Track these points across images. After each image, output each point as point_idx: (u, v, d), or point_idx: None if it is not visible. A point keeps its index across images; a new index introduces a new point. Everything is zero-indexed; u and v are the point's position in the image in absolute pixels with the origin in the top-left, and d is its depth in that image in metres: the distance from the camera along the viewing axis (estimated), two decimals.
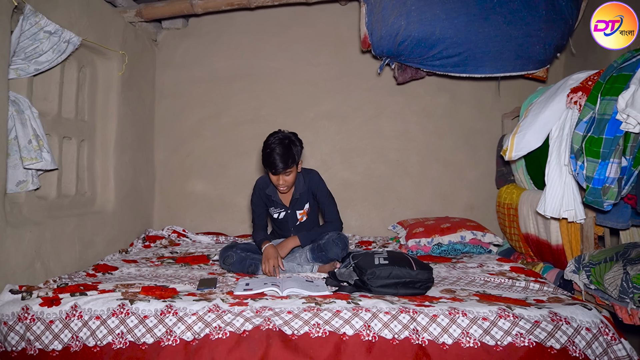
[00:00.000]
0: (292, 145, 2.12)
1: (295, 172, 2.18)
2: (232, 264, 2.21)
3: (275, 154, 2.07)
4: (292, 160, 2.09)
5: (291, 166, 2.10)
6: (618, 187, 1.73)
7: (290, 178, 2.16)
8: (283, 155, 2.07)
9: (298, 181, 2.31)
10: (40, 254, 2.21)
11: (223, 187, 3.63)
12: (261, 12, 3.54)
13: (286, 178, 2.15)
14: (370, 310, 1.53)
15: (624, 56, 1.80)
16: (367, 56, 3.41)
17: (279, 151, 2.07)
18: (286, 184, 2.17)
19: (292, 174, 2.16)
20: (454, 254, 2.68)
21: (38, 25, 2.09)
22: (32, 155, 2.09)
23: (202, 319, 1.52)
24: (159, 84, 3.64)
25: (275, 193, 2.33)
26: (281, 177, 2.14)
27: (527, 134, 2.15)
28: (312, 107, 3.56)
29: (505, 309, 1.51)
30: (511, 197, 2.74)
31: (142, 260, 2.53)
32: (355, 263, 1.89)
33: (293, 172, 2.16)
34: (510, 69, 2.71)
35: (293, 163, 2.11)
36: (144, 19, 3.17)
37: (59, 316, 1.56)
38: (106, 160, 2.94)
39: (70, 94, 2.64)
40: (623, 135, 1.70)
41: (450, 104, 3.49)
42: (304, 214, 2.38)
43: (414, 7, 2.49)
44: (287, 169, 2.10)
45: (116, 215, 2.97)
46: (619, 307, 1.67)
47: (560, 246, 2.22)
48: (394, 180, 3.52)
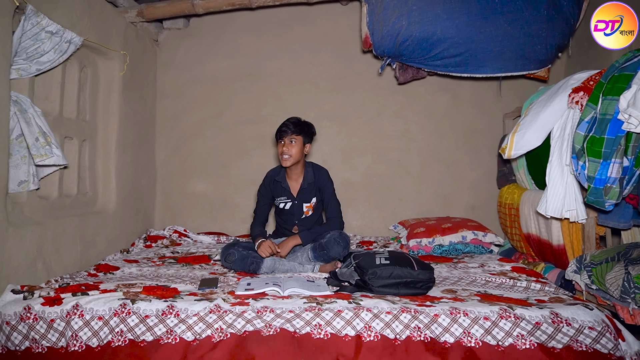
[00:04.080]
0: (305, 123, 2.34)
1: (300, 146, 2.30)
2: (233, 262, 2.21)
3: (288, 121, 2.31)
4: (299, 129, 2.28)
5: (297, 134, 2.28)
6: (620, 187, 1.73)
7: (294, 150, 2.28)
8: (294, 123, 2.30)
9: (307, 172, 2.41)
10: (42, 253, 2.21)
11: (224, 187, 3.63)
12: (262, 12, 3.55)
13: (290, 146, 2.28)
14: (371, 310, 1.53)
15: (625, 56, 1.80)
16: (368, 56, 3.41)
17: (292, 120, 2.31)
18: (289, 154, 2.28)
19: (296, 146, 2.29)
20: (455, 254, 2.68)
21: (40, 26, 2.10)
22: (41, 152, 2.09)
23: (203, 319, 1.52)
24: (160, 84, 3.65)
25: (284, 179, 2.41)
26: (286, 142, 2.28)
27: (527, 133, 2.15)
28: (313, 107, 3.56)
29: (507, 309, 1.51)
30: (512, 197, 2.74)
31: (143, 260, 2.54)
32: (356, 263, 1.89)
33: (298, 144, 2.29)
34: (511, 68, 2.70)
35: (300, 132, 2.28)
36: (145, 19, 3.17)
37: (61, 315, 1.56)
38: (107, 160, 2.94)
39: (72, 94, 2.65)
40: (625, 135, 1.70)
41: (451, 104, 3.48)
42: (310, 208, 2.42)
43: (415, 7, 2.49)
44: (293, 135, 2.27)
45: (117, 215, 2.97)
46: (620, 307, 1.67)
47: (562, 246, 2.21)
48: (395, 180, 3.52)
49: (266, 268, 2.21)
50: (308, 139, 2.33)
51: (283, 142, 2.29)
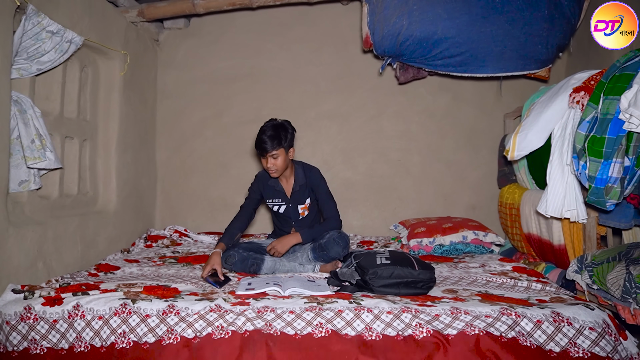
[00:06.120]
0: (282, 129, 2.19)
1: (284, 156, 2.21)
2: (234, 264, 2.21)
3: (264, 135, 2.16)
4: (277, 142, 2.15)
5: (277, 148, 2.16)
6: (621, 186, 1.72)
7: (278, 162, 2.20)
8: (270, 137, 2.15)
9: (297, 173, 2.36)
10: (43, 253, 2.21)
11: (225, 187, 3.63)
12: (263, 12, 3.54)
13: (274, 161, 2.19)
14: (372, 310, 1.53)
15: (626, 55, 1.80)
16: (369, 56, 3.41)
17: (268, 133, 2.16)
18: (275, 167, 2.21)
19: (280, 157, 2.20)
20: (456, 253, 2.68)
21: (40, 25, 2.09)
22: (35, 154, 2.09)
23: (204, 317, 1.52)
24: (160, 84, 3.65)
25: (277, 182, 2.37)
26: (269, 159, 2.19)
27: (529, 134, 2.14)
28: (313, 107, 3.56)
29: (508, 309, 1.50)
30: (513, 197, 2.74)
31: (144, 260, 2.54)
32: (357, 263, 1.89)
33: (281, 156, 2.20)
34: (512, 68, 2.70)
35: (279, 145, 2.16)
36: (146, 18, 3.17)
37: (62, 315, 1.56)
38: (108, 160, 2.94)
39: (73, 93, 2.65)
40: (626, 134, 1.70)
41: (452, 104, 3.48)
42: (305, 209, 2.42)
43: (416, 7, 2.49)
44: (274, 151, 2.16)
45: (118, 214, 2.97)
46: (621, 307, 1.66)
47: (563, 246, 2.21)
48: (396, 180, 3.52)
49: (267, 269, 2.20)
50: (289, 144, 2.23)
51: (266, 158, 2.20)
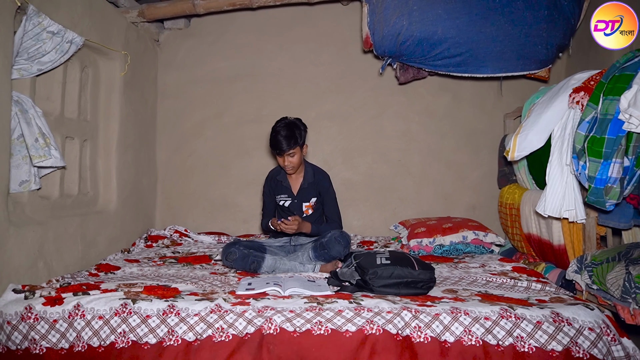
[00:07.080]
0: (296, 128, 2.30)
1: (299, 153, 2.33)
2: (234, 261, 2.22)
3: (280, 136, 2.26)
4: (294, 141, 2.27)
5: (294, 147, 2.28)
6: (620, 187, 1.73)
7: (295, 159, 2.32)
8: (286, 137, 2.26)
9: (307, 171, 2.46)
10: (43, 253, 2.22)
11: (225, 187, 3.63)
12: (263, 12, 3.55)
13: (291, 159, 2.32)
14: (372, 310, 1.53)
15: (626, 56, 1.80)
16: (369, 56, 3.41)
17: (283, 133, 2.26)
18: (292, 165, 2.33)
19: (296, 155, 2.32)
20: (456, 254, 2.68)
21: (41, 26, 2.10)
22: (40, 153, 2.10)
23: (204, 319, 1.52)
24: (161, 84, 3.65)
25: (285, 178, 2.46)
26: (286, 157, 2.31)
27: (530, 134, 2.15)
28: (313, 107, 3.56)
29: (508, 309, 1.51)
30: (513, 197, 2.74)
31: (144, 260, 2.54)
32: (357, 263, 1.89)
33: (297, 154, 2.32)
34: (512, 69, 2.71)
35: (296, 144, 2.28)
36: (146, 19, 3.17)
37: (62, 315, 1.56)
38: (108, 160, 2.94)
39: (73, 94, 2.65)
40: (625, 135, 1.70)
41: (452, 104, 3.48)
42: (310, 207, 2.45)
43: (416, 7, 2.49)
44: (291, 150, 2.28)
45: (118, 215, 2.98)
46: (621, 307, 1.67)
47: (563, 246, 2.21)
48: (396, 180, 3.52)
49: (267, 267, 2.21)
50: (303, 141, 2.35)
51: (283, 157, 2.31)
